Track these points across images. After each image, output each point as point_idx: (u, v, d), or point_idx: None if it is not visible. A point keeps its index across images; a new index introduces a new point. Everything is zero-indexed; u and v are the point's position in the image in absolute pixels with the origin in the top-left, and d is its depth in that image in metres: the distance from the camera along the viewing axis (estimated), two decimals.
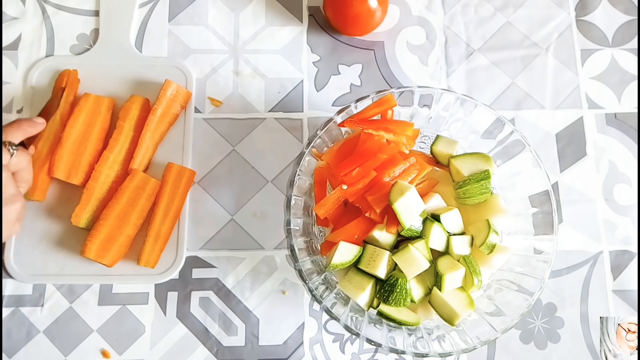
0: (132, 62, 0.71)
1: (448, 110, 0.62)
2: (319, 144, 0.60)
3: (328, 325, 0.65)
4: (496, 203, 0.59)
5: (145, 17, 0.73)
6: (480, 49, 0.74)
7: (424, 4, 0.75)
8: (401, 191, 0.54)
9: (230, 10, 0.74)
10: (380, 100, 0.60)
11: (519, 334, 0.65)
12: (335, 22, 0.72)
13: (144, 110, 0.67)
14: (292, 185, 0.57)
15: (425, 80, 0.72)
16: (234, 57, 0.72)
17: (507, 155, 0.61)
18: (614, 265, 0.67)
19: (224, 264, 0.66)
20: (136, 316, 0.64)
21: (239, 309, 0.65)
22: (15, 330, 0.63)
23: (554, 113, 0.72)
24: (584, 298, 0.66)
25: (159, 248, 0.64)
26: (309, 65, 0.72)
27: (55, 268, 0.64)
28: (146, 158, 0.66)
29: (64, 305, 0.64)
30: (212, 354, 0.63)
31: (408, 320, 0.55)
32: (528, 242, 0.60)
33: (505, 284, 0.59)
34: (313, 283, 0.56)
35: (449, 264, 0.56)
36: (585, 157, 0.70)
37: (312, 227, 0.62)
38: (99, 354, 0.63)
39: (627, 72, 0.73)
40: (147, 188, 0.64)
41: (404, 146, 0.61)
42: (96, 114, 0.66)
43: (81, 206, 0.63)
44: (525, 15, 0.75)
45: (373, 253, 0.56)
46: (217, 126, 0.70)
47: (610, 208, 0.69)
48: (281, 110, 0.71)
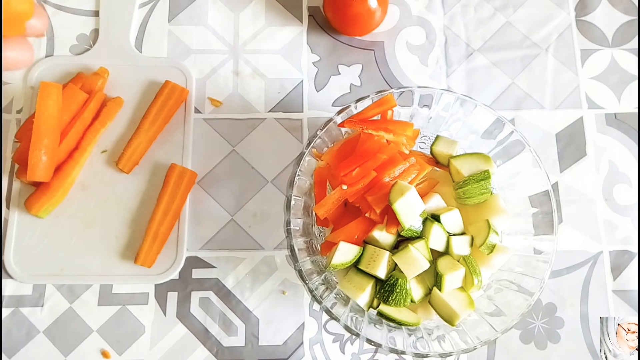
0: (132, 62, 0.71)
1: (448, 111, 0.62)
2: (319, 144, 0.60)
3: (328, 325, 0.65)
4: (496, 203, 0.59)
5: (145, 17, 0.73)
6: (480, 49, 0.74)
7: (423, 4, 0.75)
8: (401, 191, 0.54)
9: (230, 10, 0.74)
10: (380, 100, 0.60)
11: (519, 334, 0.65)
12: (335, 22, 0.72)
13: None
14: (292, 185, 0.57)
15: (425, 80, 0.72)
16: (234, 58, 0.72)
17: (507, 156, 0.61)
18: (614, 265, 0.67)
19: (224, 264, 0.66)
20: (136, 316, 0.64)
21: (239, 309, 0.65)
22: (15, 330, 0.63)
23: (554, 113, 0.72)
24: (584, 298, 0.66)
25: (157, 248, 0.64)
26: (309, 66, 0.72)
27: (55, 268, 0.64)
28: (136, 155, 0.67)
29: (64, 306, 0.64)
30: (212, 354, 0.63)
31: (408, 321, 0.55)
32: (528, 242, 0.60)
33: (505, 284, 0.59)
34: (313, 283, 0.56)
35: (449, 264, 0.56)
36: (585, 157, 0.70)
37: (312, 227, 0.62)
38: (99, 354, 0.63)
39: (627, 72, 0.73)
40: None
41: (404, 146, 0.61)
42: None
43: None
44: (525, 16, 0.75)
45: (373, 253, 0.56)
46: (217, 126, 0.70)
47: (610, 208, 0.69)
48: (281, 111, 0.71)
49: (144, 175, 0.67)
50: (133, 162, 0.67)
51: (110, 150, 0.68)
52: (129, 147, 0.67)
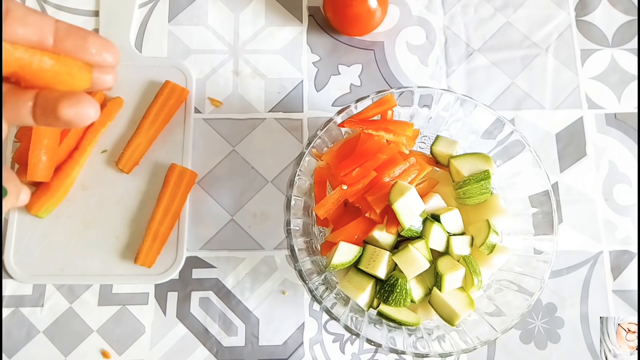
0: (132, 62, 0.71)
1: (448, 111, 0.62)
2: (319, 144, 0.60)
3: (328, 325, 0.65)
4: (496, 203, 0.59)
5: (145, 17, 0.73)
6: (480, 49, 0.74)
7: (424, 4, 0.75)
8: (401, 191, 0.54)
9: (230, 10, 0.74)
10: (380, 100, 0.60)
11: (519, 334, 0.65)
12: (335, 22, 0.72)
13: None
14: (292, 185, 0.57)
15: (425, 80, 0.72)
16: (234, 58, 0.72)
17: (507, 156, 0.61)
18: (614, 265, 0.67)
19: (224, 264, 0.66)
20: (136, 316, 0.64)
21: (239, 309, 0.65)
22: (15, 330, 0.63)
23: (554, 113, 0.72)
24: (584, 298, 0.66)
25: (157, 248, 0.64)
26: (309, 66, 0.72)
27: (55, 268, 0.64)
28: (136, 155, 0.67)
29: (64, 306, 0.64)
30: (212, 354, 0.63)
31: (408, 321, 0.55)
32: (528, 242, 0.60)
33: (505, 284, 0.59)
34: (313, 283, 0.56)
35: (449, 264, 0.56)
36: (585, 157, 0.70)
37: (312, 227, 0.62)
38: (99, 354, 0.63)
39: (627, 72, 0.73)
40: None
41: (404, 146, 0.61)
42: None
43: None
44: (525, 16, 0.75)
45: (373, 253, 0.56)
46: (217, 126, 0.70)
47: (610, 208, 0.69)
48: (281, 111, 0.71)
49: (144, 175, 0.67)
50: (133, 162, 0.67)
51: (110, 150, 0.68)
52: (129, 147, 0.67)
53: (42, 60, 0.31)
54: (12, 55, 0.30)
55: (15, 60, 0.30)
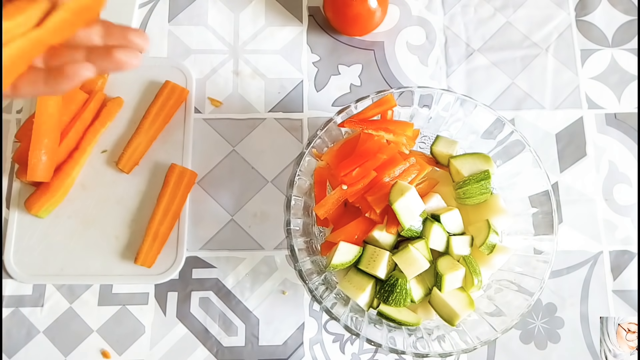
0: None
1: (448, 111, 0.62)
2: (319, 144, 0.60)
3: (328, 325, 0.65)
4: (496, 203, 0.59)
5: (145, 17, 0.73)
6: (480, 49, 0.74)
7: (424, 4, 0.75)
8: (401, 191, 0.54)
9: (230, 10, 0.74)
10: (380, 100, 0.60)
11: (519, 334, 0.65)
12: (335, 22, 0.72)
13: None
14: (292, 185, 0.57)
15: (425, 80, 0.72)
16: (234, 58, 0.72)
17: (507, 156, 0.61)
18: (614, 265, 0.67)
19: (224, 264, 0.66)
20: (136, 316, 0.64)
21: (239, 309, 0.65)
22: (15, 330, 0.63)
23: (554, 113, 0.72)
24: (584, 298, 0.66)
25: (157, 248, 0.64)
26: (309, 66, 0.72)
27: (55, 268, 0.64)
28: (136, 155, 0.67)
29: (64, 306, 0.64)
30: (212, 354, 0.63)
31: (408, 321, 0.55)
32: (528, 242, 0.60)
33: (505, 284, 0.59)
34: (313, 283, 0.56)
35: (449, 264, 0.56)
36: (585, 157, 0.70)
37: (312, 227, 0.62)
38: (99, 354, 0.63)
39: (627, 72, 0.73)
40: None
41: (404, 146, 0.61)
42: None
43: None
44: (525, 16, 0.75)
45: (373, 253, 0.56)
46: (217, 126, 0.70)
47: (610, 208, 0.69)
48: (281, 111, 0.71)
49: (144, 175, 0.67)
50: (133, 162, 0.67)
51: (110, 150, 0.68)
52: (129, 147, 0.67)
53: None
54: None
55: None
